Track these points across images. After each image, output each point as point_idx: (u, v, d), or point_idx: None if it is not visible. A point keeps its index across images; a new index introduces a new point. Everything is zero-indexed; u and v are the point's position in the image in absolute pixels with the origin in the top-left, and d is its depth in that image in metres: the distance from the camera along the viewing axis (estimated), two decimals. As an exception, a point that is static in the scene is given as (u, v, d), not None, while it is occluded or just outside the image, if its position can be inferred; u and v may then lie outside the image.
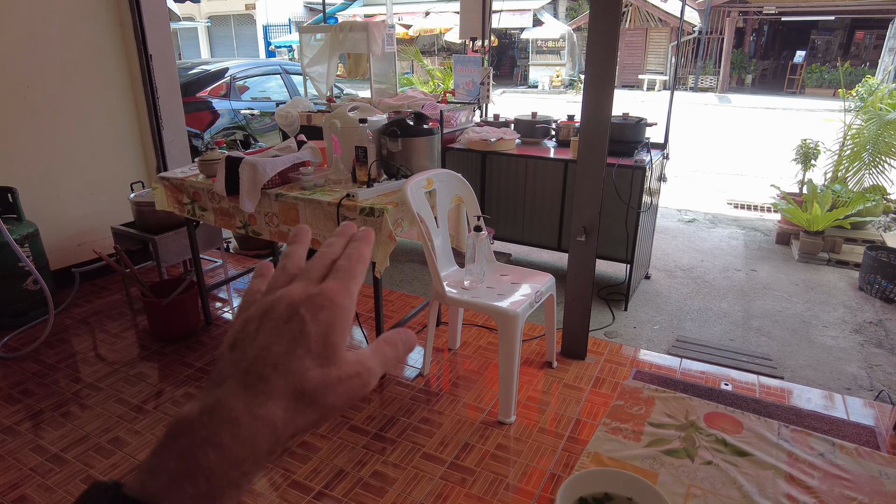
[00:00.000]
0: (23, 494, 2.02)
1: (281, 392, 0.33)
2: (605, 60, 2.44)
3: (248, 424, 0.32)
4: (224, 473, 0.31)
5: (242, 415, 0.32)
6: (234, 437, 0.31)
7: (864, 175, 4.81)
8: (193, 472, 0.30)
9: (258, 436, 0.32)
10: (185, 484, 0.30)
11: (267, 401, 0.33)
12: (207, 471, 0.30)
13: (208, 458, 0.31)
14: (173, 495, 0.30)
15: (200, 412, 0.32)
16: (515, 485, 2.04)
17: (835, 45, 18.60)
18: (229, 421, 0.32)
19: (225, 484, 0.31)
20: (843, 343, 3.30)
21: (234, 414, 0.32)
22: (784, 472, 1.02)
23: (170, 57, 3.82)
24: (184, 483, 0.30)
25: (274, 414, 0.32)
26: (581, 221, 2.65)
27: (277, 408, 0.33)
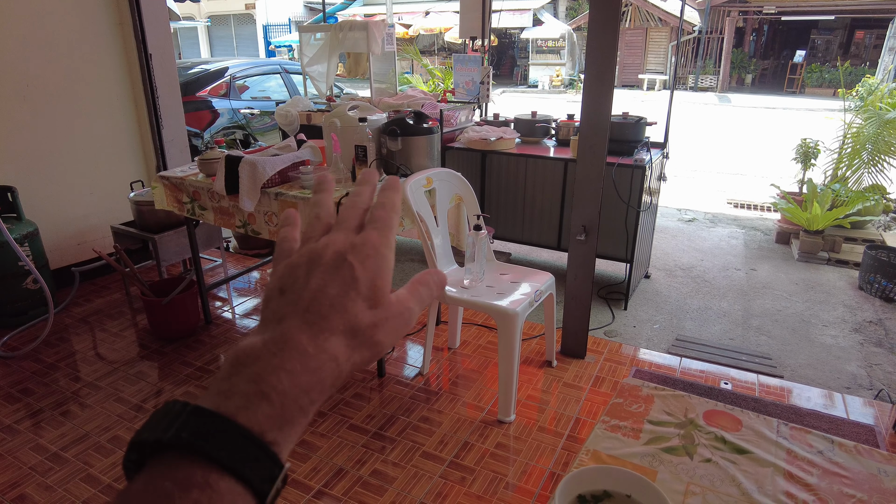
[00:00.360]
0: (23, 493, 2.02)
1: (339, 329, 0.35)
2: (605, 60, 2.44)
3: (315, 356, 0.34)
4: (295, 398, 0.32)
5: (309, 346, 0.34)
6: (303, 365, 0.33)
7: (863, 174, 4.81)
8: (268, 393, 0.32)
9: (324, 367, 0.34)
10: (260, 403, 0.31)
11: (330, 336, 0.35)
12: (281, 393, 0.32)
13: (281, 382, 0.32)
14: (249, 412, 0.31)
15: (266, 343, 0.34)
16: (515, 483, 2.04)
17: (835, 44, 18.60)
18: (298, 351, 0.33)
19: (296, 408, 0.33)
20: (842, 342, 3.30)
21: (301, 346, 0.34)
22: (783, 470, 1.02)
23: (170, 56, 3.82)
24: (259, 402, 0.31)
25: (336, 348, 0.35)
26: (581, 220, 2.65)
27: (339, 343, 0.35)
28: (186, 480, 0.28)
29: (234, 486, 0.29)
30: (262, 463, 0.30)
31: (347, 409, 2.46)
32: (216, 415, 0.31)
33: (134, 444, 0.30)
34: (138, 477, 0.29)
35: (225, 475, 0.29)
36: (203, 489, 0.28)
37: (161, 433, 0.29)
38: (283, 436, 0.32)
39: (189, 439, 0.29)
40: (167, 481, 0.28)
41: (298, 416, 0.33)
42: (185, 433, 0.29)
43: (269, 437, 0.31)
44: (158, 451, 0.30)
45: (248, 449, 0.30)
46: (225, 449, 0.29)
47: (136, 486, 0.29)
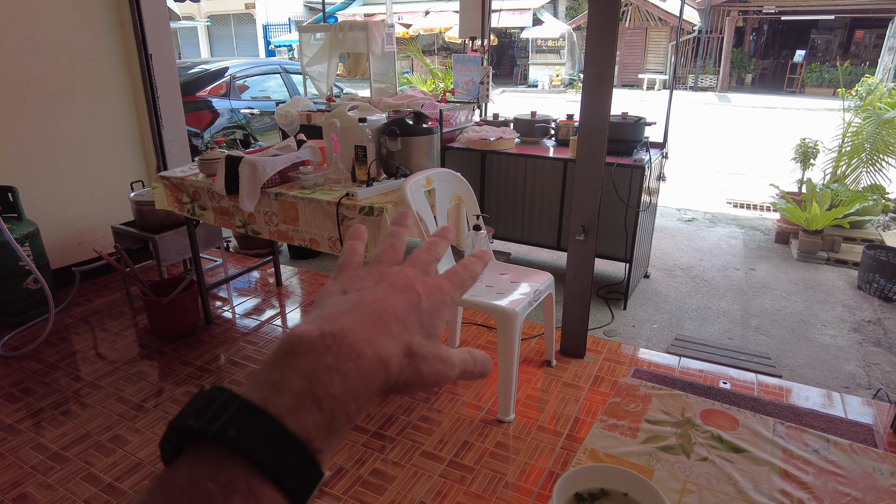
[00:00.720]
0: (24, 492, 2.02)
1: (398, 340, 0.34)
2: (604, 60, 2.45)
3: (371, 360, 0.32)
4: (345, 405, 0.31)
5: (366, 348, 0.32)
6: (357, 368, 0.32)
7: (861, 173, 4.82)
8: (320, 397, 0.30)
9: (376, 374, 0.32)
10: (311, 408, 0.30)
11: (388, 343, 0.33)
12: (332, 398, 0.30)
13: (335, 385, 0.31)
14: (299, 417, 0.30)
15: (323, 335, 0.32)
16: (514, 483, 2.05)
17: (834, 44, 18.60)
18: (355, 352, 0.32)
19: (343, 416, 0.31)
20: (841, 342, 3.31)
21: (359, 346, 0.32)
22: (779, 468, 1.03)
23: (170, 56, 3.83)
24: (310, 407, 0.30)
25: (392, 357, 0.33)
26: (580, 220, 2.66)
27: (395, 352, 0.34)
28: (230, 484, 0.27)
29: (275, 495, 0.28)
30: (305, 472, 0.29)
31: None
32: (265, 415, 0.29)
33: (176, 428, 0.29)
34: (178, 466, 0.29)
35: (268, 483, 0.28)
36: (246, 496, 0.27)
37: (206, 424, 0.28)
38: (328, 444, 0.31)
39: (236, 438, 0.28)
40: (210, 481, 0.27)
41: (344, 424, 0.32)
42: (233, 431, 0.28)
43: (315, 444, 0.30)
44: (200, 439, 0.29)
45: (295, 458, 0.29)
46: (273, 456, 0.28)
47: (178, 479, 0.28)
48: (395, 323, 0.35)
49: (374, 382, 0.32)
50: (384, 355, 0.33)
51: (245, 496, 0.27)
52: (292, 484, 0.29)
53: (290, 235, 2.52)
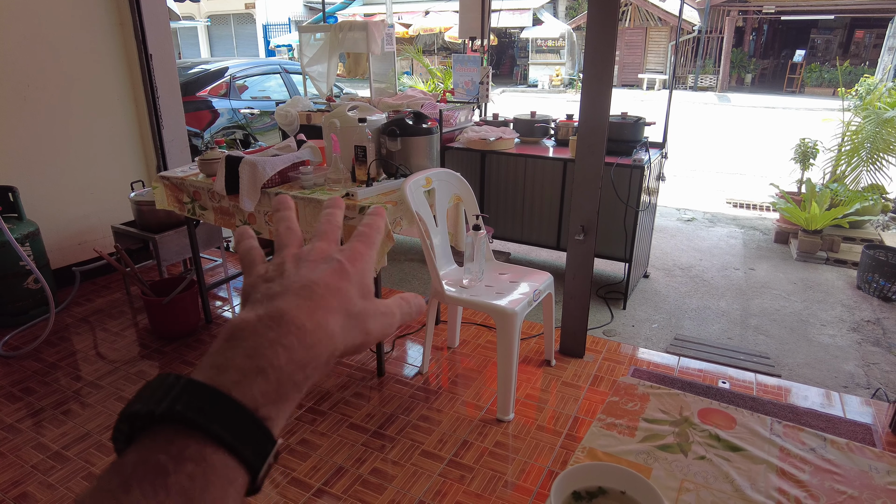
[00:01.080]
0: (24, 491, 2.03)
1: (335, 308, 0.36)
2: (604, 60, 2.45)
3: (312, 330, 0.34)
4: (291, 374, 0.32)
5: (307, 321, 0.34)
6: (300, 340, 0.33)
7: (861, 172, 4.83)
8: (265, 368, 0.32)
9: (320, 343, 0.34)
10: (256, 378, 0.31)
11: (327, 313, 0.35)
12: (277, 369, 0.32)
13: (278, 357, 0.32)
14: (244, 387, 0.31)
15: (260, 318, 0.34)
16: (514, 482, 2.05)
17: (834, 44, 18.60)
18: (295, 325, 0.34)
19: (291, 384, 0.33)
20: (840, 341, 3.31)
21: (299, 320, 0.34)
22: (776, 467, 1.04)
23: (170, 56, 3.83)
24: (255, 377, 0.31)
25: (333, 326, 0.35)
26: (579, 220, 2.67)
27: (335, 321, 0.36)
28: (180, 454, 0.28)
29: (228, 461, 0.29)
30: (255, 438, 0.30)
31: (347, 407, 2.47)
32: (211, 388, 0.30)
33: (125, 415, 0.30)
34: (130, 449, 0.29)
35: (219, 449, 0.29)
36: (198, 462, 0.28)
37: (154, 405, 0.29)
38: (277, 411, 0.32)
39: (183, 412, 0.29)
40: (161, 454, 0.28)
41: (293, 392, 0.33)
42: (180, 406, 0.29)
43: (264, 412, 0.31)
44: (150, 423, 0.29)
45: (242, 424, 0.30)
46: (220, 423, 0.29)
47: (130, 458, 0.28)
48: (329, 294, 0.36)
49: (319, 351, 0.34)
50: (325, 324, 0.35)
51: (197, 462, 0.28)
52: (244, 450, 0.30)
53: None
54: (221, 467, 0.29)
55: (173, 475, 0.27)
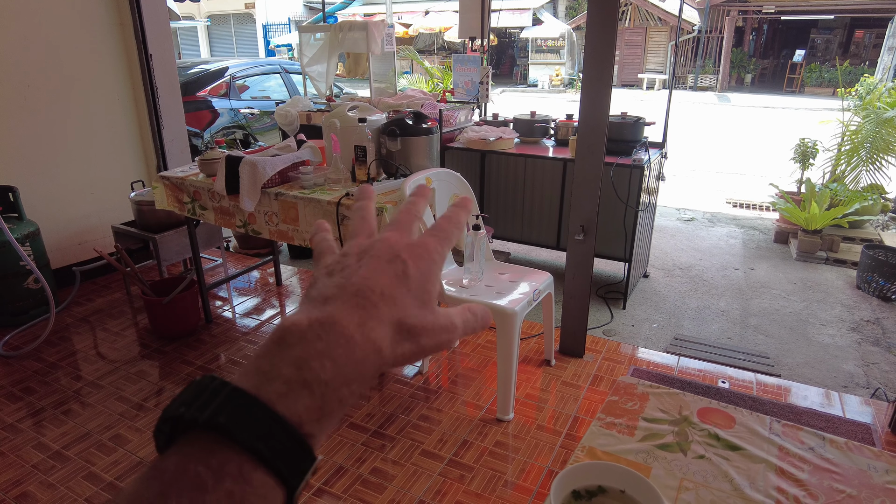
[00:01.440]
0: (25, 491, 2.03)
1: (387, 319, 0.34)
2: (603, 60, 2.45)
3: (361, 344, 0.32)
4: (336, 389, 0.31)
5: (356, 333, 0.32)
6: (348, 354, 0.32)
7: (861, 172, 4.83)
8: (311, 382, 0.30)
9: (368, 357, 0.32)
10: (301, 392, 0.30)
11: (378, 325, 0.33)
12: (323, 384, 0.30)
13: (325, 371, 0.31)
14: (289, 401, 0.30)
15: (312, 324, 0.32)
16: (514, 481, 2.05)
17: (834, 43, 18.60)
18: (344, 337, 0.32)
19: (336, 400, 0.31)
20: (840, 341, 3.32)
21: (348, 331, 0.32)
22: (774, 466, 1.04)
23: (170, 56, 3.84)
24: (301, 392, 0.30)
25: (382, 339, 0.33)
26: (579, 220, 2.67)
27: (385, 333, 0.33)
28: (220, 469, 0.27)
29: (268, 479, 0.28)
30: (296, 456, 0.29)
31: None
32: (255, 400, 0.29)
33: (168, 418, 0.29)
34: (170, 454, 0.29)
35: (259, 467, 0.28)
36: (236, 480, 0.27)
37: (197, 412, 0.28)
38: (321, 428, 0.31)
39: (227, 425, 0.28)
40: (201, 466, 0.27)
41: (337, 409, 0.31)
42: (223, 417, 0.28)
43: (307, 429, 0.30)
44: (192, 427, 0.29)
45: (285, 441, 0.29)
46: (263, 440, 0.28)
47: (169, 465, 0.28)
48: (383, 302, 0.34)
49: (366, 367, 0.32)
50: (374, 338, 0.33)
51: (236, 479, 0.27)
52: (284, 467, 0.29)
53: (290, 235, 2.53)
54: (260, 486, 0.28)
55: (212, 493, 0.27)
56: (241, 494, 0.27)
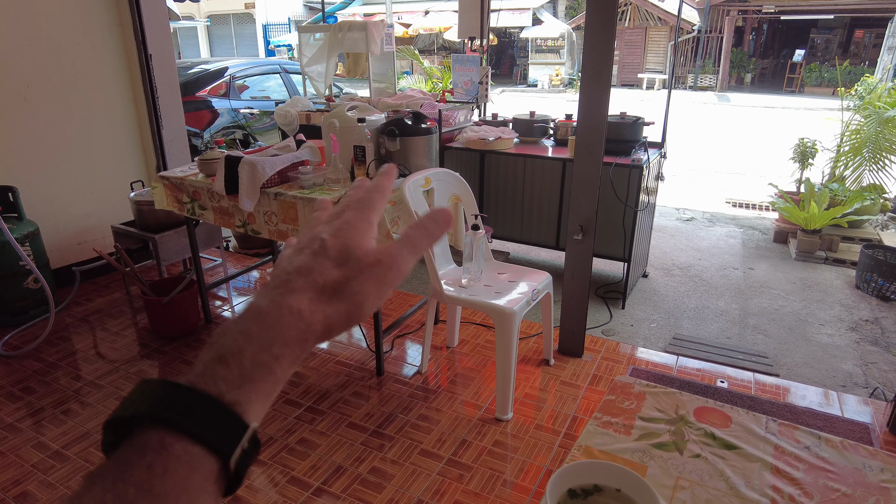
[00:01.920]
0: (25, 491, 2.04)
1: (301, 287, 0.36)
2: (602, 60, 2.46)
3: (273, 312, 0.35)
4: (253, 356, 0.33)
5: (266, 306, 0.35)
6: (260, 324, 0.34)
7: (863, 172, 4.83)
8: (224, 356, 0.33)
9: (282, 321, 0.35)
10: (216, 367, 0.33)
11: (288, 293, 0.36)
12: (237, 353, 0.33)
13: (237, 343, 0.33)
14: (207, 378, 0.32)
15: (233, 318, 0.36)
16: (512, 481, 2.06)
17: (834, 43, 18.60)
18: (256, 313, 0.35)
19: (255, 366, 0.33)
20: (839, 341, 3.32)
21: (259, 307, 0.35)
22: (770, 465, 1.04)
23: (169, 56, 3.84)
24: (215, 367, 0.33)
25: (298, 303, 0.35)
26: (578, 220, 2.67)
27: (301, 299, 0.36)
28: (143, 445, 0.29)
29: (191, 447, 0.30)
30: (220, 422, 0.31)
31: (346, 407, 2.48)
32: (177, 385, 0.31)
33: (107, 425, 0.31)
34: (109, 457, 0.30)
35: (181, 437, 0.29)
36: (158, 451, 0.29)
37: (124, 410, 0.31)
38: (245, 394, 0.32)
39: (147, 410, 0.30)
40: (128, 449, 0.29)
41: (260, 373, 0.33)
42: (144, 405, 0.30)
43: (229, 397, 0.32)
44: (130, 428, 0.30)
45: (203, 410, 0.31)
46: (178, 411, 0.30)
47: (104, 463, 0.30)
48: (296, 276, 0.37)
49: (283, 329, 0.34)
50: (287, 304, 0.35)
51: (156, 451, 0.29)
52: (204, 432, 0.30)
53: (289, 235, 2.53)
54: (183, 454, 0.29)
55: (134, 467, 0.28)
56: (162, 464, 0.29)
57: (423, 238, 0.40)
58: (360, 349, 2.94)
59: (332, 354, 2.89)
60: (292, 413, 2.43)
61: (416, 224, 0.41)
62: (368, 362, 2.80)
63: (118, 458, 0.29)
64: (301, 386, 2.62)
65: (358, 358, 2.85)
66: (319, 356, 2.87)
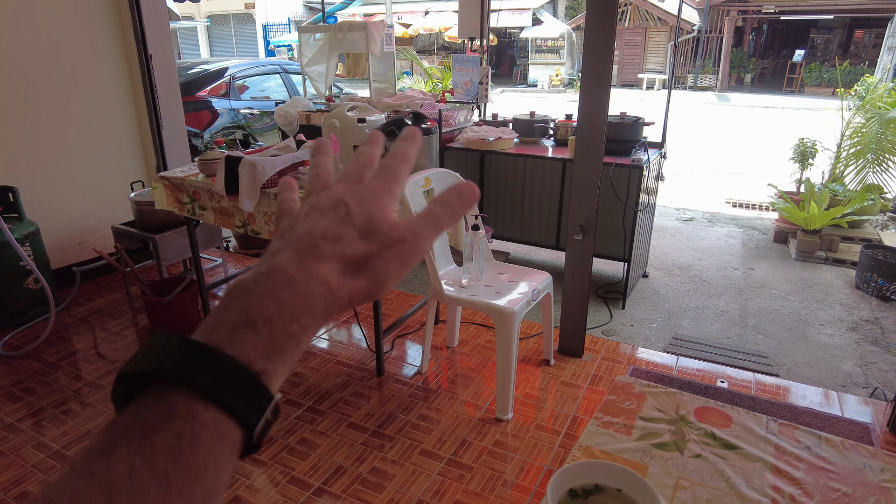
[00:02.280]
0: (25, 491, 2.04)
1: (330, 256, 0.34)
2: (602, 60, 2.46)
3: (304, 280, 0.33)
4: (284, 325, 0.32)
5: (297, 273, 0.33)
6: (291, 292, 0.32)
7: (867, 173, 4.83)
8: (254, 321, 0.31)
9: (313, 292, 0.33)
10: (246, 332, 0.31)
11: (319, 262, 0.34)
12: (268, 320, 0.31)
13: (268, 310, 0.31)
14: (235, 342, 0.30)
15: (255, 275, 0.33)
16: (513, 481, 2.06)
17: (834, 43, 18.60)
18: (286, 278, 0.33)
19: (285, 335, 0.32)
20: (839, 341, 3.32)
21: (290, 273, 0.33)
22: (770, 465, 1.04)
23: (169, 57, 3.84)
24: (245, 331, 0.31)
25: (327, 274, 0.34)
26: (578, 220, 2.67)
27: (329, 269, 0.34)
28: (169, 410, 0.28)
29: (219, 416, 0.28)
30: (249, 392, 0.30)
31: (346, 407, 2.48)
32: (201, 345, 0.30)
33: (121, 377, 0.29)
34: (125, 410, 0.29)
35: (209, 405, 0.28)
36: (186, 419, 0.28)
37: (145, 364, 0.29)
38: (273, 364, 0.31)
39: (171, 369, 0.28)
40: (150, 411, 0.28)
41: (289, 344, 0.32)
42: (168, 363, 0.29)
43: (258, 365, 0.30)
44: (145, 383, 0.29)
45: (233, 378, 0.29)
46: (207, 377, 0.28)
47: (122, 419, 0.28)
48: (324, 242, 0.35)
49: (313, 300, 0.33)
50: (318, 273, 0.33)
51: (184, 418, 0.28)
52: (235, 403, 0.29)
53: (289, 235, 2.53)
54: (211, 423, 0.28)
55: (161, 432, 0.27)
56: (191, 432, 0.28)
57: (447, 216, 0.38)
58: (361, 349, 2.94)
59: (333, 354, 2.89)
60: (293, 413, 2.43)
61: (440, 199, 0.38)
62: (369, 362, 2.80)
63: (139, 417, 0.28)
64: (301, 386, 2.62)
65: (358, 358, 2.85)
66: (319, 356, 2.87)
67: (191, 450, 0.27)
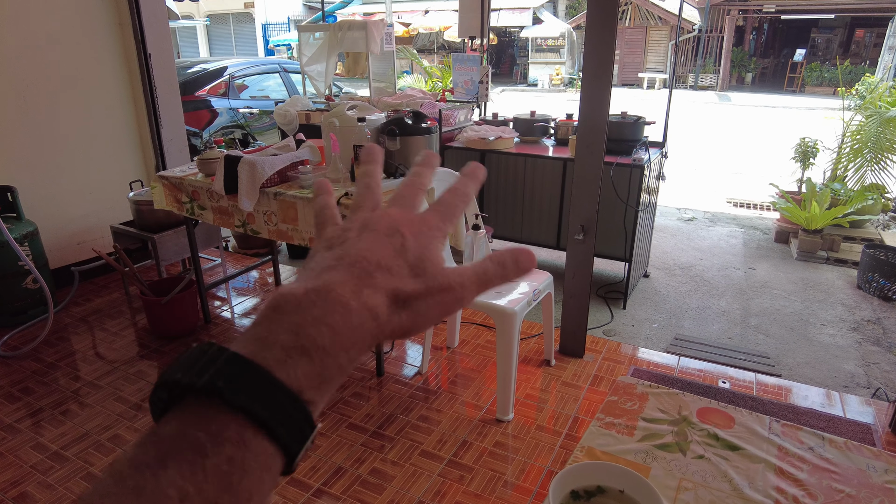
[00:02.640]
0: (24, 491, 2.03)
1: (383, 288, 0.33)
2: (603, 59, 2.45)
3: (357, 311, 0.32)
4: (335, 355, 0.31)
5: (352, 300, 0.32)
6: (344, 320, 0.31)
7: (865, 172, 4.82)
8: (309, 349, 0.30)
9: (364, 324, 0.32)
10: (300, 359, 0.30)
11: (374, 292, 0.33)
12: (322, 350, 0.30)
13: (323, 337, 0.30)
14: (289, 368, 0.29)
15: (308, 292, 0.32)
16: (513, 482, 2.05)
17: (835, 43, 18.59)
18: (341, 304, 0.31)
19: (335, 366, 0.31)
20: (840, 341, 3.31)
21: (344, 298, 0.32)
22: (774, 466, 1.03)
23: (169, 56, 3.83)
24: (299, 358, 0.30)
25: (378, 306, 0.33)
26: (579, 220, 2.66)
27: (381, 301, 0.33)
28: (219, 434, 0.27)
29: (267, 445, 0.28)
30: (298, 423, 0.29)
31: (346, 407, 2.47)
32: (254, 365, 0.29)
33: (165, 383, 0.29)
34: (168, 419, 0.28)
35: (259, 433, 0.28)
36: (237, 446, 0.27)
37: (195, 377, 0.28)
38: (321, 395, 0.31)
39: (225, 389, 0.27)
40: (200, 432, 0.27)
41: (336, 375, 0.31)
42: (222, 381, 0.27)
43: (307, 395, 0.30)
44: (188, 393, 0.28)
45: (286, 408, 0.28)
46: (263, 405, 0.28)
47: (167, 430, 0.27)
48: (379, 272, 0.34)
49: (362, 333, 0.32)
50: (371, 304, 0.32)
51: (236, 445, 0.27)
52: (284, 433, 0.28)
53: (289, 235, 2.52)
54: (261, 452, 0.28)
55: (212, 457, 0.26)
56: (241, 460, 0.27)
57: (499, 277, 0.38)
58: (361, 349, 2.93)
59: (332, 354, 2.88)
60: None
61: (496, 259, 0.38)
62: (368, 363, 2.79)
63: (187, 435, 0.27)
64: (301, 386, 2.61)
65: (358, 358, 2.84)
66: (319, 356, 2.86)
67: (240, 479, 0.27)
